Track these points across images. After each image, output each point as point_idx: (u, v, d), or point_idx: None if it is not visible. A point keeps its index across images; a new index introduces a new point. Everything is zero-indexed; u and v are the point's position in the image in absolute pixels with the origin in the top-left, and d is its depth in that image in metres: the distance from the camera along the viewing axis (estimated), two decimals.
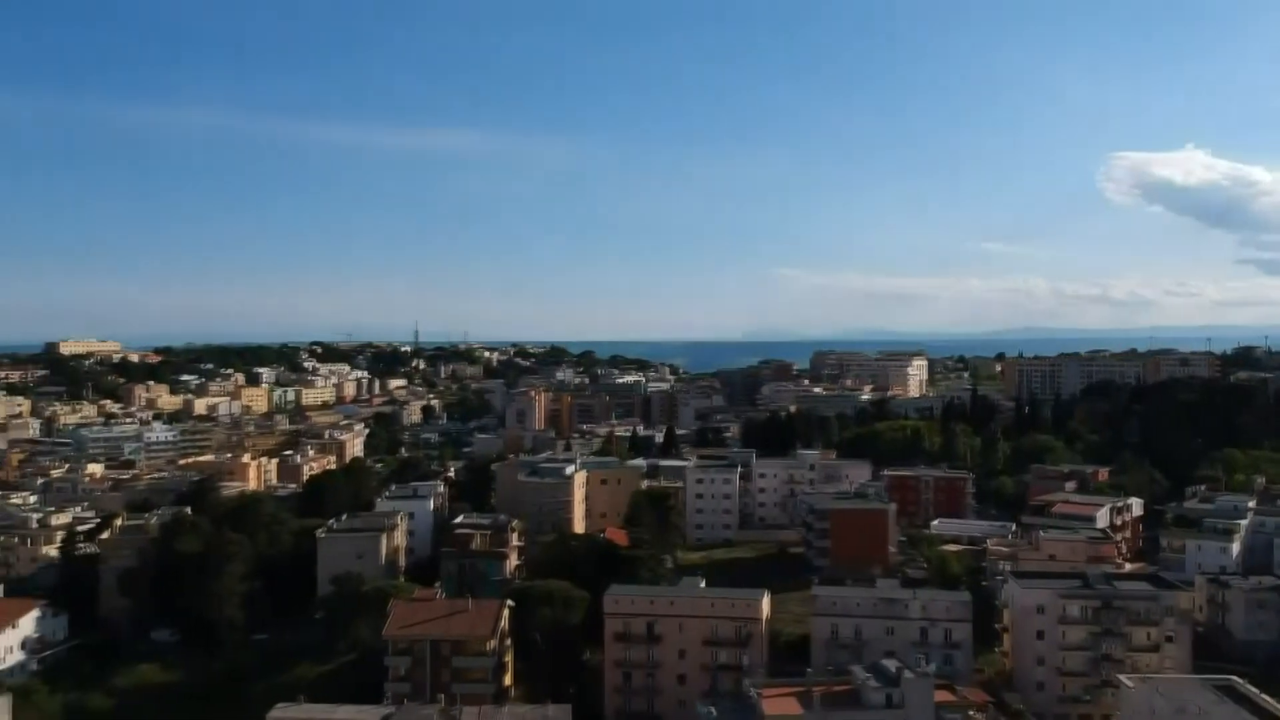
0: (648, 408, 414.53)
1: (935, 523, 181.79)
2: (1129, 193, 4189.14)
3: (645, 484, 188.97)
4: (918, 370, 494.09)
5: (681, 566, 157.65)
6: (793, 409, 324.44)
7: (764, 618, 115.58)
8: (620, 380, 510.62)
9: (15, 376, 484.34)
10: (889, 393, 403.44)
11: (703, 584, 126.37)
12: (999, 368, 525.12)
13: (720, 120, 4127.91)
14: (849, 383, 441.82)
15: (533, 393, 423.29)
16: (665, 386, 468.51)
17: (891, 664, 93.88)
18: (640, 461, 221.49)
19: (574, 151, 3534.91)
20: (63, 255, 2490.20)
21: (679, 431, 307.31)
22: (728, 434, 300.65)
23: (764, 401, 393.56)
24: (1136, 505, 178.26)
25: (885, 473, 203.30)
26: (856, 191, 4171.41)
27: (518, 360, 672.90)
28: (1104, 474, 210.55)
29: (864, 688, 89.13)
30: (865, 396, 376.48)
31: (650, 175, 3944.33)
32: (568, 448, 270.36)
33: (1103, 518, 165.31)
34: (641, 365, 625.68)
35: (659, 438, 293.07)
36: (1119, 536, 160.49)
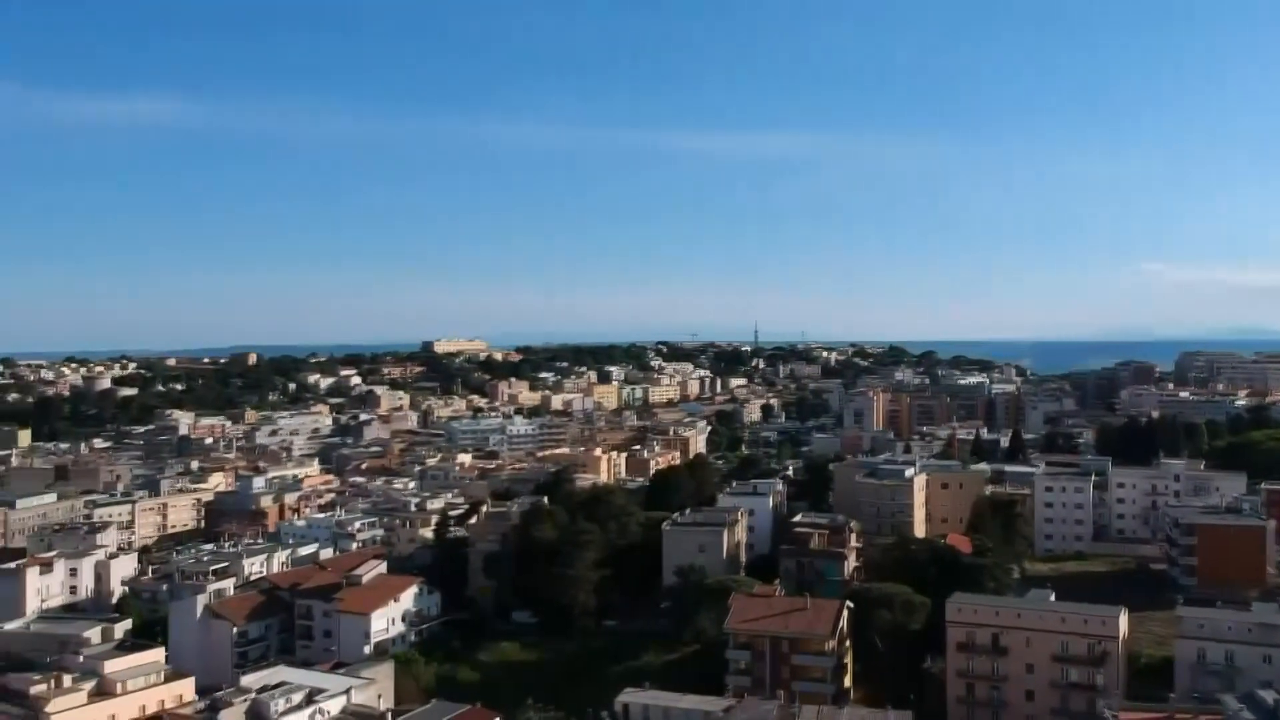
0: (991, 410, 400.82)
1: None
2: None
3: (989, 490, 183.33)
4: None
5: (1028, 578, 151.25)
6: (1155, 414, 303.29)
7: (1121, 636, 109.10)
8: (962, 381, 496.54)
9: (397, 373, 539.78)
10: (1268, 398, 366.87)
11: (1052, 597, 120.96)
12: None
13: (1079, 114, 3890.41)
14: (1220, 387, 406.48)
15: (871, 393, 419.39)
16: (1011, 388, 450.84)
17: (1269, 695, 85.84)
18: (983, 466, 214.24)
19: (918, 151, 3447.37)
20: (438, 263, 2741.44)
21: (1025, 436, 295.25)
22: (1080, 440, 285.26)
23: (1122, 406, 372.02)
24: None
25: (1263, 486, 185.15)
26: (1229, 181, 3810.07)
27: (856, 360, 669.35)
28: None
29: (1237, 719, 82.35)
30: (1240, 402, 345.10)
31: (999, 171, 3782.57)
32: (907, 449, 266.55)
33: None
34: (985, 366, 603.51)
35: (1004, 442, 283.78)
36: None
